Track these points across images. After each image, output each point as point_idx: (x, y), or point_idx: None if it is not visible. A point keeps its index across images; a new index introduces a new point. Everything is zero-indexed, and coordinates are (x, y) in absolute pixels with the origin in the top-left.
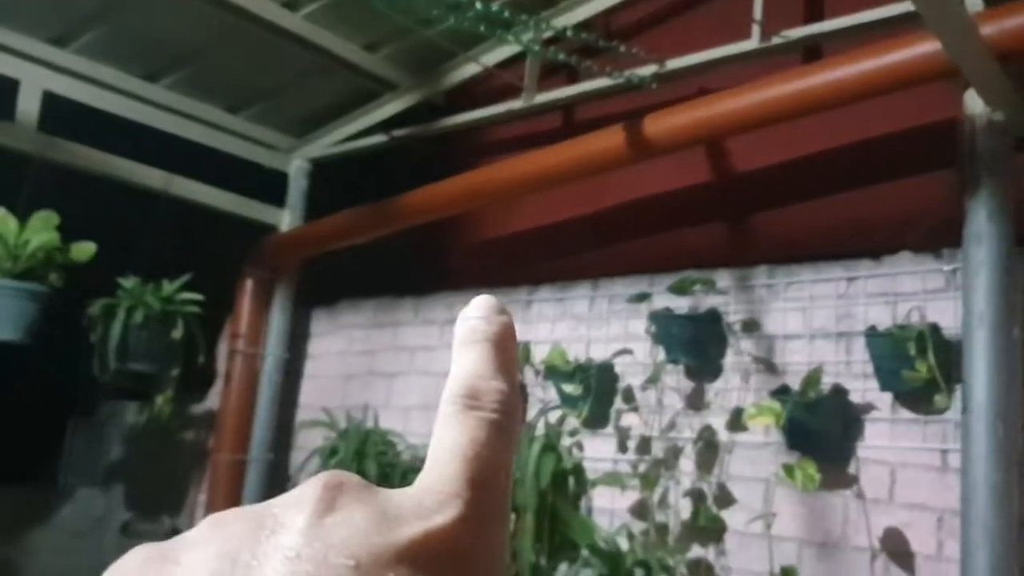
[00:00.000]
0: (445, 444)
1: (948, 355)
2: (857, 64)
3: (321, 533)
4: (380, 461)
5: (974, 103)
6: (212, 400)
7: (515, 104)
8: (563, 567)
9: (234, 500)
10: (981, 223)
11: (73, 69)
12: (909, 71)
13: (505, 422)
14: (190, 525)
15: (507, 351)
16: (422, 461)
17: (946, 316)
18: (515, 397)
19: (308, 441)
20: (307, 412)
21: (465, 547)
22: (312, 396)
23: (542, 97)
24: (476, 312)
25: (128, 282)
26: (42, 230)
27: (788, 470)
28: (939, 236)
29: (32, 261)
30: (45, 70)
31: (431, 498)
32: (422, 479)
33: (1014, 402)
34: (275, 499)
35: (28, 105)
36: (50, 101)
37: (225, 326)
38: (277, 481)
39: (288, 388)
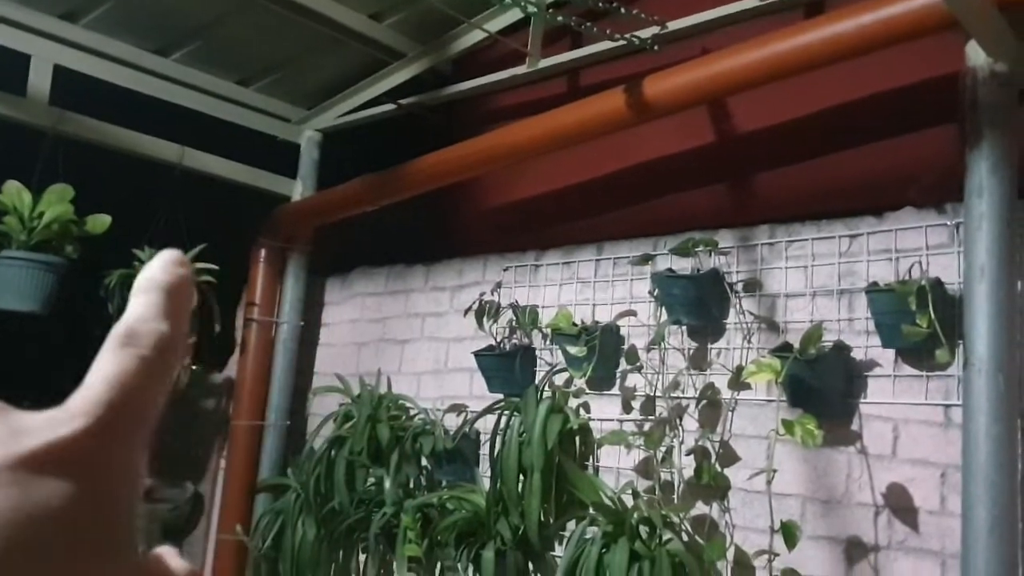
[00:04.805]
0: (96, 373)
1: (951, 310)
2: (855, 18)
3: None
4: (392, 425)
5: (976, 55)
6: (232, 368)
7: (520, 70)
8: (570, 525)
9: (252, 464)
10: (983, 176)
11: (84, 44)
12: (909, 24)
13: (156, 358)
14: (213, 491)
15: (178, 299)
16: (433, 424)
17: (949, 271)
18: (173, 339)
19: (323, 407)
20: (322, 379)
21: (87, 456)
22: (327, 363)
23: (546, 62)
24: (156, 264)
25: (144, 253)
26: (56, 203)
27: (788, 426)
28: (942, 191)
29: (47, 233)
30: (56, 45)
31: (64, 415)
32: (68, 401)
33: (1015, 356)
34: None
35: (39, 80)
36: (61, 76)
37: (241, 296)
38: (293, 445)
39: (303, 355)
